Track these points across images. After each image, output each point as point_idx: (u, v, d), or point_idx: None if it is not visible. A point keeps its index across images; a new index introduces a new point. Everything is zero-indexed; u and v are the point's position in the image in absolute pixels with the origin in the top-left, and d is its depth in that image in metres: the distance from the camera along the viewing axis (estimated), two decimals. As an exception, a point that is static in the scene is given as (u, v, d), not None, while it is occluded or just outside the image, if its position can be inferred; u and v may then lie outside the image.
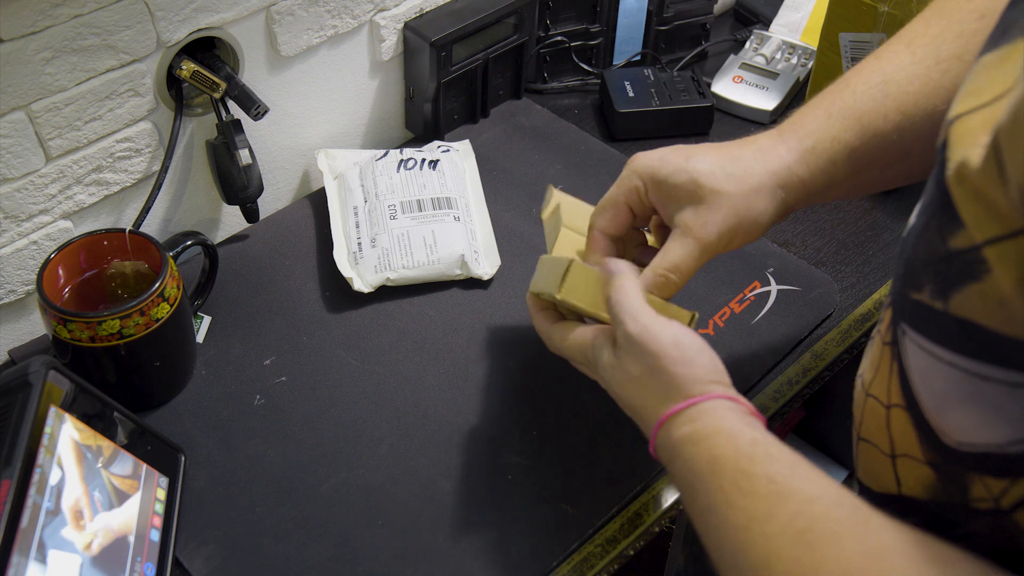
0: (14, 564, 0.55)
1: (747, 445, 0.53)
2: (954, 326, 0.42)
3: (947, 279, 0.42)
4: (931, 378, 0.45)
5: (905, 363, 0.47)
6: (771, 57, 1.12)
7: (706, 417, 0.56)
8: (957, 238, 0.40)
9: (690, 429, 0.56)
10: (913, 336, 0.46)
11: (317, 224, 0.94)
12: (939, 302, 0.43)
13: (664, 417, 0.57)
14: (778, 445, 0.54)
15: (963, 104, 0.42)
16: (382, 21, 0.95)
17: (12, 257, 0.80)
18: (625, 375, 0.60)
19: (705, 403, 0.57)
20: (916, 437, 0.48)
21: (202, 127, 0.88)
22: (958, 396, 0.43)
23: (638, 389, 0.60)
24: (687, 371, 0.58)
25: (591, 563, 0.70)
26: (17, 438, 0.60)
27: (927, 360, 0.45)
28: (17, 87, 0.73)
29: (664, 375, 0.58)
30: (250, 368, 0.81)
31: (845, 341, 0.85)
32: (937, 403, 0.45)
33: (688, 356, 0.58)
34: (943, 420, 0.45)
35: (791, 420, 1.34)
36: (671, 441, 0.57)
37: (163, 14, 0.78)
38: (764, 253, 0.91)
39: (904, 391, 0.48)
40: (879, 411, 0.52)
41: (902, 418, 0.49)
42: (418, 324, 0.85)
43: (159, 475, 0.70)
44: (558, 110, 1.08)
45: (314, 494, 0.73)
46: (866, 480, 0.56)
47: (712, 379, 0.58)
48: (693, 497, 0.55)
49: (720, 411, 0.56)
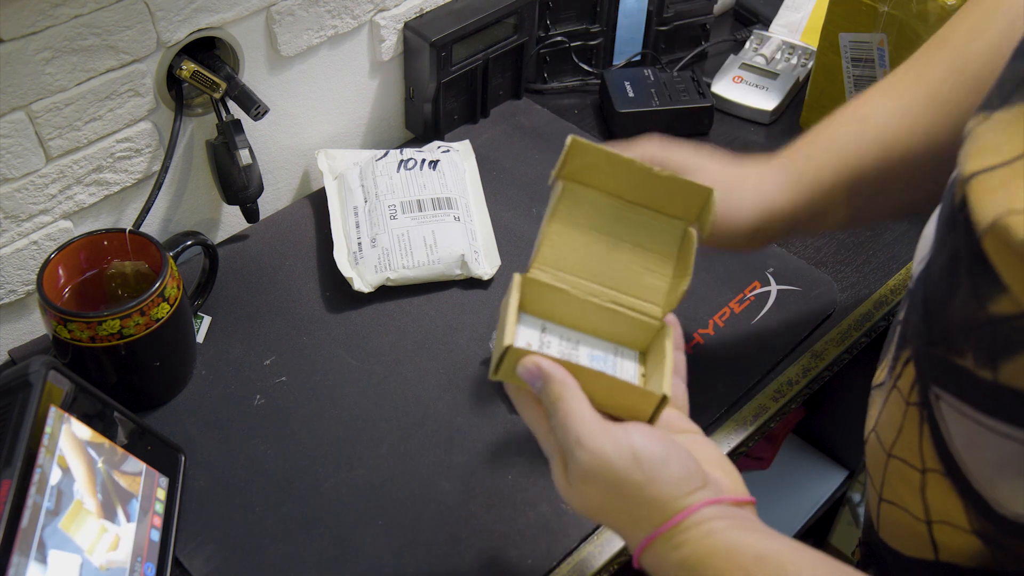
0: (14, 564, 0.55)
1: (753, 564, 0.47)
2: (1008, 397, 0.40)
3: (993, 347, 0.40)
4: (980, 447, 0.43)
5: (943, 429, 0.45)
6: (771, 57, 1.12)
7: (695, 540, 0.49)
8: (1000, 303, 0.39)
9: (679, 556, 0.49)
10: (953, 403, 0.44)
11: (317, 224, 0.94)
12: (986, 371, 0.41)
13: (643, 544, 0.50)
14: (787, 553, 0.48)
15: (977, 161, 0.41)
16: (382, 21, 0.95)
17: (12, 257, 0.80)
18: (586, 502, 0.52)
19: (688, 519, 0.49)
20: (961, 506, 0.46)
21: (202, 127, 0.88)
22: (1015, 468, 0.42)
23: (605, 515, 0.52)
24: (655, 491, 0.49)
25: (591, 563, 0.70)
26: (17, 438, 0.60)
27: (973, 429, 0.43)
28: (17, 87, 0.73)
29: (629, 500, 0.50)
30: (250, 368, 0.81)
31: (845, 341, 0.85)
32: (989, 473, 0.43)
33: (652, 475, 0.49)
34: (996, 491, 0.43)
35: (791, 420, 1.34)
36: (661, 567, 0.50)
37: (163, 14, 0.78)
38: (764, 253, 0.91)
39: (942, 457, 0.46)
40: (910, 476, 0.49)
41: (942, 485, 0.46)
42: (418, 324, 0.85)
43: (159, 475, 0.70)
44: (558, 110, 1.08)
45: (314, 494, 0.73)
46: (893, 543, 0.53)
47: (688, 489, 0.50)
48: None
49: (707, 524, 0.49)
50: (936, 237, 0.46)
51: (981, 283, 0.40)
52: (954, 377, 0.43)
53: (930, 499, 0.48)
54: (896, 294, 0.89)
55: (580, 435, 0.50)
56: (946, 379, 0.44)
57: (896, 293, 0.89)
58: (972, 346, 0.41)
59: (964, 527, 0.46)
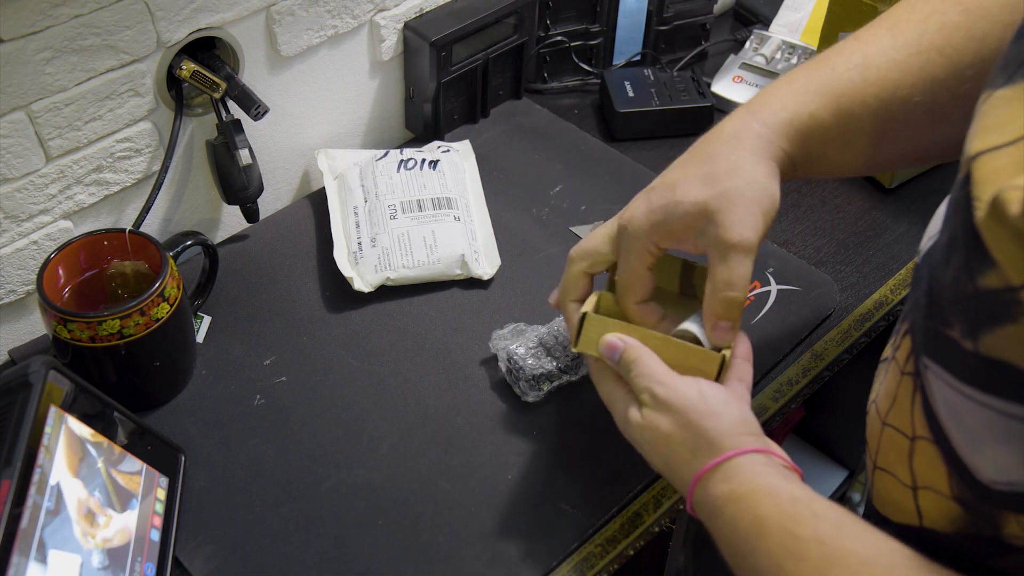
0: (14, 564, 0.55)
1: (789, 504, 0.53)
2: (985, 366, 0.41)
3: (977, 319, 0.41)
4: (962, 415, 0.44)
5: (931, 397, 0.47)
6: (771, 57, 1.12)
7: (742, 474, 0.56)
8: (988, 277, 0.40)
9: (727, 488, 0.56)
10: (939, 372, 0.45)
11: (317, 224, 0.94)
12: (969, 342, 0.42)
13: (699, 474, 0.57)
14: (820, 500, 0.53)
15: (983, 140, 0.41)
16: (382, 21, 0.95)
17: (12, 257, 0.80)
18: (655, 433, 0.60)
19: (738, 459, 0.56)
20: (945, 472, 0.47)
21: (202, 127, 0.88)
22: (993, 435, 0.43)
23: (668, 446, 0.60)
24: (716, 424, 0.58)
25: (591, 563, 0.70)
26: (17, 438, 0.60)
27: (956, 397, 0.44)
28: (17, 87, 0.73)
29: (693, 428, 0.58)
30: (250, 368, 0.81)
31: (845, 341, 0.85)
32: (970, 440, 0.44)
33: (715, 409, 0.58)
34: (976, 457, 0.44)
35: (791, 420, 1.34)
36: (709, 499, 0.57)
37: (163, 14, 0.78)
38: (764, 253, 0.91)
39: (931, 425, 0.47)
40: (900, 442, 0.51)
41: (929, 451, 0.48)
42: (418, 324, 0.85)
43: (159, 475, 0.70)
44: (558, 110, 1.08)
45: (314, 494, 0.73)
46: (883, 509, 0.56)
47: (742, 431, 0.58)
48: (740, 560, 0.54)
49: (756, 467, 0.56)
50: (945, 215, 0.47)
51: (974, 257, 0.40)
52: (941, 347, 0.45)
53: (917, 466, 0.50)
54: (896, 294, 0.89)
55: (660, 376, 0.61)
56: (935, 349, 0.45)
57: (896, 293, 0.89)
58: (959, 318, 0.42)
59: (946, 493, 0.48)
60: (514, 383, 0.78)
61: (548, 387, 0.78)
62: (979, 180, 0.40)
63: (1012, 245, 0.38)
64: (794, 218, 0.96)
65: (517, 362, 0.77)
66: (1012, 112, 0.41)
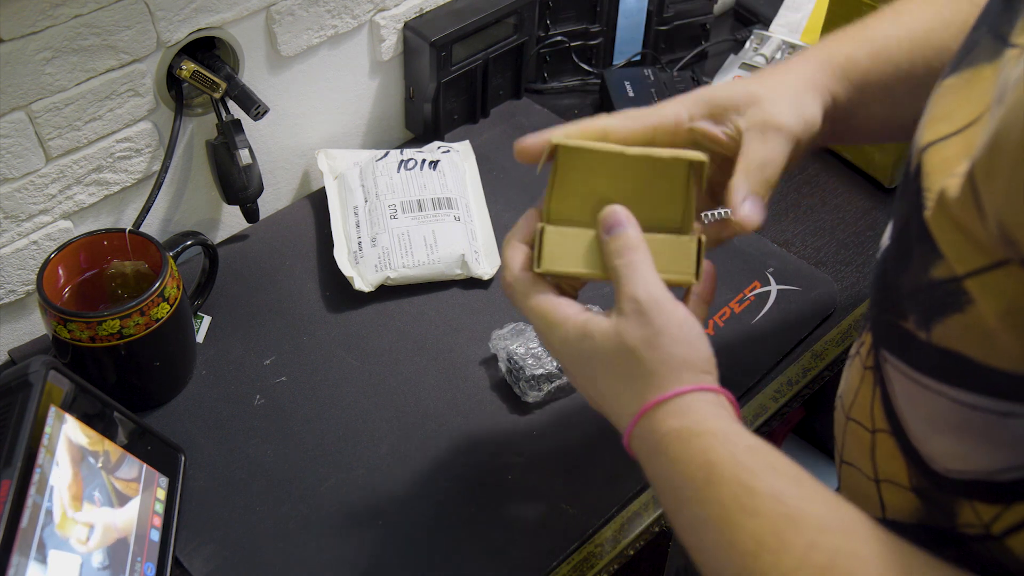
0: (14, 564, 0.55)
1: (744, 453, 0.49)
2: (938, 356, 0.41)
3: (929, 309, 0.41)
4: (917, 405, 0.44)
5: (889, 390, 0.47)
6: (771, 57, 1.12)
7: (696, 413, 0.51)
8: (938, 268, 0.40)
9: (678, 424, 0.51)
10: (896, 363, 0.45)
11: (317, 224, 0.94)
12: (922, 332, 0.42)
13: (650, 403, 0.52)
14: (776, 454, 0.49)
15: (932, 131, 0.42)
16: (382, 21, 0.95)
17: (12, 257, 0.80)
18: (616, 344, 0.53)
19: (695, 394, 0.51)
20: (903, 463, 0.47)
21: (202, 127, 0.88)
22: (946, 424, 0.43)
23: (625, 363, 0.53)
24: (685, 352, 0.52)
25: (591, 563, 0.70)
26: (17, 438, 0.60)
27: (912, 388, 0.44)
28: (17, 87, 0.73)
29: (660, 352, 0.52)
30: (250, 368, 0.81)
31: (845, 341, 0.85)
32: (924, 430, 0.45)
33: (690, 338, 0.52)
34: (931, 447, 0.44)
35: (791, 420, 1.34)
36: (655, 435, 0.51)
37: (163, 14, 0.78)
38: (764, 253, 0.91)
39: (889, 417, 0.47)
40: (862, 436, 0.51)
41: (888, 444, 0.48)
42: (418, 324, 0.85)
43: (159, 475, 0.70)
44: (558, 110, 1.08)
45: (314, 494, 0.73)
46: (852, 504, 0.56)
47: (705, 369, 0.53)
48: (679, 505, 0.50)
49: (712, 407, 0.51)
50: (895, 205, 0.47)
51: (927, 250, 0.41)
52: (898, 339, 0.44)
53: (878, 458, 0.49)
54: (896, 294, 0.89)
55: (647, 279, 0.53)
56: (892, 342, 0.45)
57: (896, 293, 0.89)
58: (913, 309, 0.43)
59: (905, 484, 0.48)
60: (514, 383, 0.78)
61: (548, 387, 0.78)
62: (928, 171, 0.41)
63: (954, 235, 0.39)
64: (794, 218, 0.96)
65: (517, 362, 0.77)
66: (958, 101, 0.41)
